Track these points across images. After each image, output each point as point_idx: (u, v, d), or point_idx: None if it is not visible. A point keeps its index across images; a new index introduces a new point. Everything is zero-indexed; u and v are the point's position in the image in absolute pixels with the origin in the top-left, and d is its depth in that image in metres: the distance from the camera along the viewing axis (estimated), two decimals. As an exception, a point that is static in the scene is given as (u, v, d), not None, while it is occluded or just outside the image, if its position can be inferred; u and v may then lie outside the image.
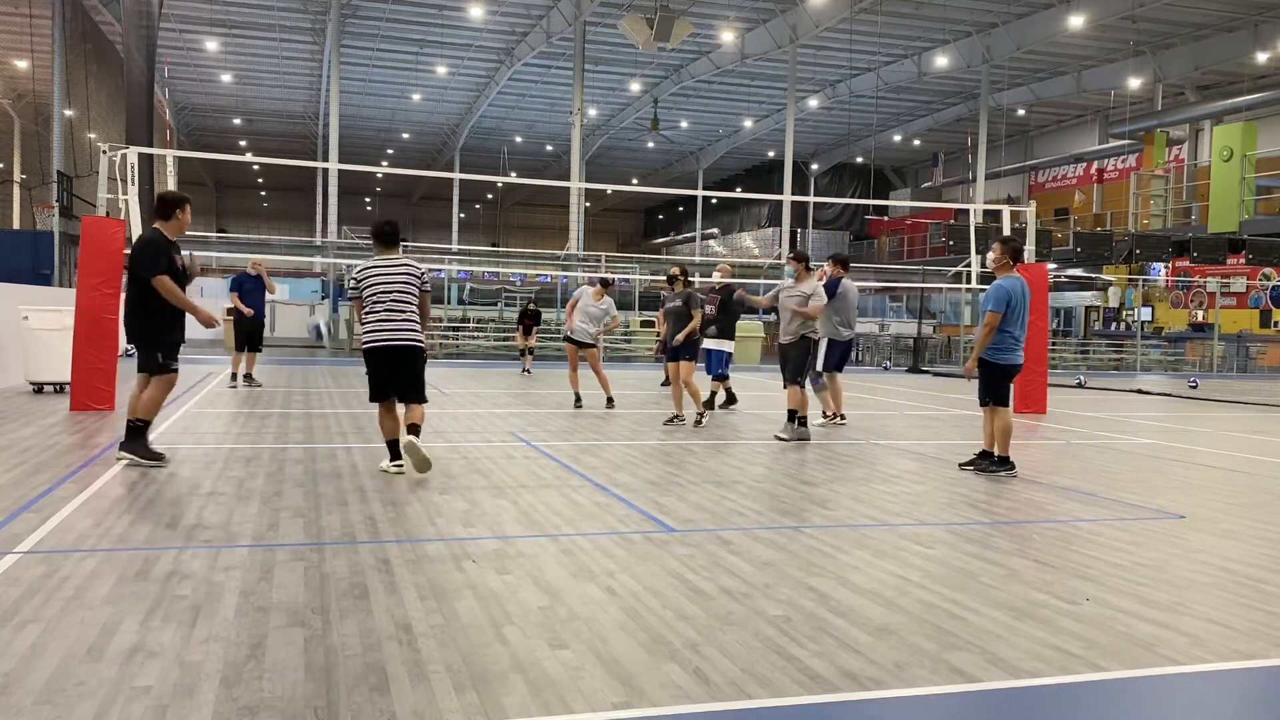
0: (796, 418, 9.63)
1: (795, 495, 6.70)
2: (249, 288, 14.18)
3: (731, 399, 12.90)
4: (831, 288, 10.93)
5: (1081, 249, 27.11)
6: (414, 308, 7.00)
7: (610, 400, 12.27)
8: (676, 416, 10.85)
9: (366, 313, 6.97)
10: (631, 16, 26.16)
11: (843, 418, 11.27)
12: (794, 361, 9.64)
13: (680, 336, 10.73)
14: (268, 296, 14.73)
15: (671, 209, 67.91)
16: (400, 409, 7.12)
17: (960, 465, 8.16)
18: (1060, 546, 5.38)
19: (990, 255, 8.03)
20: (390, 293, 6.92)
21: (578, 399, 12.37)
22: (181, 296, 7.05)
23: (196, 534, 5.09)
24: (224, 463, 7.33)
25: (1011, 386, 8.04)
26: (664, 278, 17.52)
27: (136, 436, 7.09)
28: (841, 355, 11.32)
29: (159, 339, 7.10)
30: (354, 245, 38.49)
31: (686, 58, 36.35)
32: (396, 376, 6.97)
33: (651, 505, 6.19)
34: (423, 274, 7.10)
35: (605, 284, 12.61)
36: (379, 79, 40.24)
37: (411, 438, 6.85)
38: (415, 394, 7.03)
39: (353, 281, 7.08)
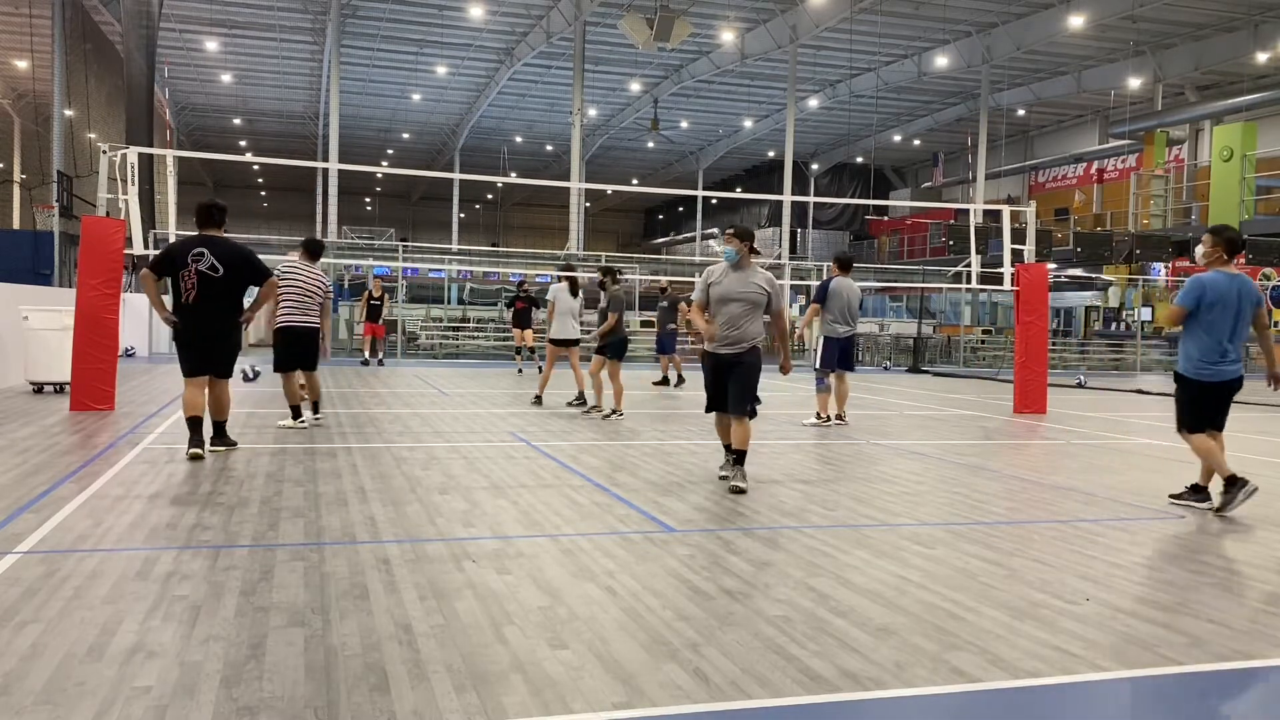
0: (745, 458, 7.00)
1: (795, 495, 6.70)
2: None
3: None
4: (821, 291, 11.01)
5: (1081, 249, 27.13)
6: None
7: (580, 396, 12.26)
8: (594, 407, 11.52)
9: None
10: (631, 16, 26.16)
11: (840, 418, 11.20)
12: (750, 381, 6.88)
13: (597, 333, 11.37)
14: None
15: (671, 209, 67.89)
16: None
17: (1170, 497, 6.79)
18: (1060, 546, 5.38)
19: (1199, 248, 6.47)
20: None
21: (579, 396, 12.42)
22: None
23: (196, 534, 5.09)
24: (224, 463, 7.33)
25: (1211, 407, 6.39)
26: (660, 280, 17.63)
27: (223, 431, 7.98)
28: (843, 353, 11.15)
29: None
30: (354, 245, 38.50)
31: (686, 58, 36.34)
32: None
33: (651, 505, 6.19)
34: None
35: (559, 278, 12.55)
36: (379, 79, 40.24)
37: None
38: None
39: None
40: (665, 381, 16.61)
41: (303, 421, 9.52)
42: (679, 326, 17.19)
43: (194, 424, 7.48)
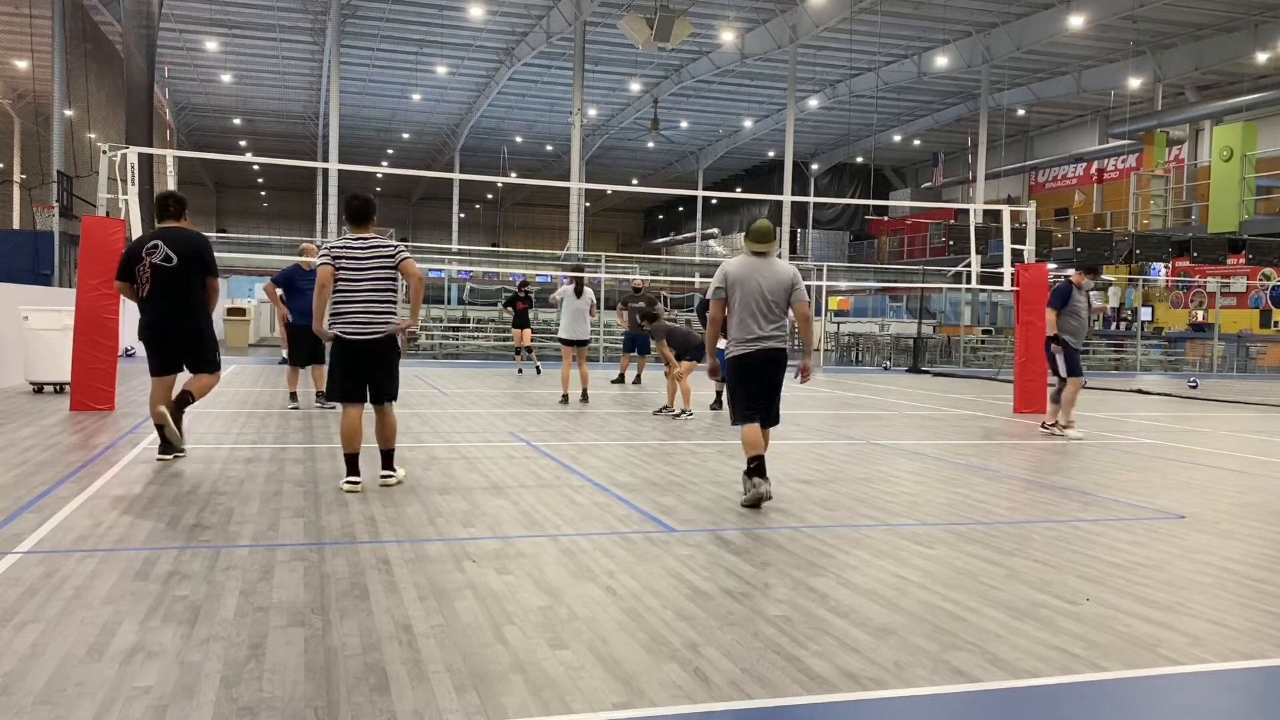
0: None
1: (795, 495, 6.69)
2: (303, 285, 11.03)
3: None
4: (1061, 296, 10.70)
5: (1081, 249, 27.10)
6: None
7: (565, 397, 12.85)
8: (665, 408, 11.79)
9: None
10: (631, 16, 26.15)
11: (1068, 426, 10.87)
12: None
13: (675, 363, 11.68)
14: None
15: (671, 209, 67.90)
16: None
17: None
18: (1060, 546, 5.38)
19: None
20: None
21: (565, 397, 12.82)
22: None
23: (196, 534, 5.09)
24: (224, 463, 7.33)
25: None
26: (634, 279, 17.86)
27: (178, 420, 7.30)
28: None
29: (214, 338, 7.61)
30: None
31: (686, 58, 36.34)
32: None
33: (651, 505, 6.19)
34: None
35: (579, 281, 13.03)
36: (379, 79, 40.23)
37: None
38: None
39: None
40: (621, 379, 16.64)
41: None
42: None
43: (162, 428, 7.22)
